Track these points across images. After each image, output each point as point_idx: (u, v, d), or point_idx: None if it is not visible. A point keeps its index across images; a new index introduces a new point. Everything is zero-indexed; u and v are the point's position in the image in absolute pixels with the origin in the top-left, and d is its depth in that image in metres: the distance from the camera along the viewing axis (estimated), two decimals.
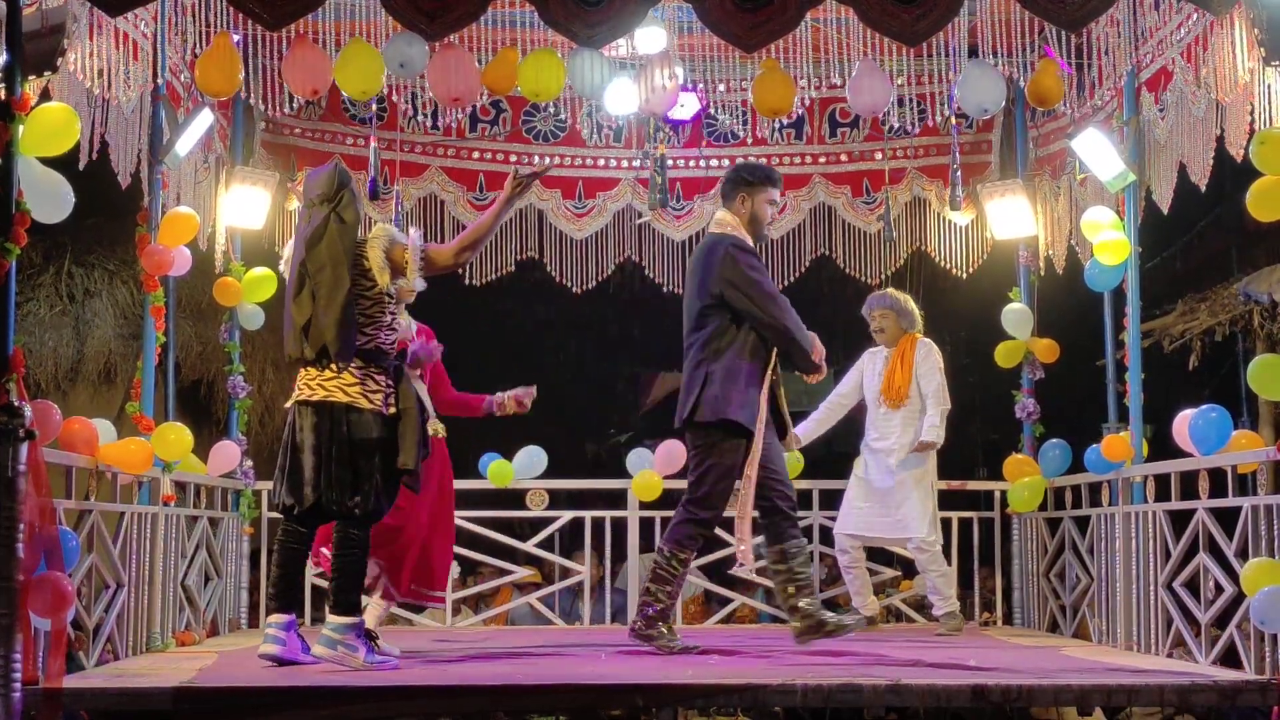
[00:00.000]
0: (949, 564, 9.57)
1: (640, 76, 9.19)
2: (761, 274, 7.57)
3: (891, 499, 9.20)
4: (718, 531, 10.23)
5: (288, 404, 6.91)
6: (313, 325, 6.68)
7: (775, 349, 7.54)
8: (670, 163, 10.48)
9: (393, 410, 6.77)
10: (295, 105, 9.50)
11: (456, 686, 6.27)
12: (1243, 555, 6.73)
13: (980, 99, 8.92)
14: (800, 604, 7.52)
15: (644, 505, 10.26)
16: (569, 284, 10.69)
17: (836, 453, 13.84)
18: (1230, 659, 7.04)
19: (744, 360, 7.46)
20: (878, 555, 10.26)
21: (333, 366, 6.68)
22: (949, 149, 10.02)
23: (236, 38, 8.76)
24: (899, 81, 9.59)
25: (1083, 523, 8.96)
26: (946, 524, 9.90)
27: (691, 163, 10.67)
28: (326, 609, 6.83)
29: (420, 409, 6.90)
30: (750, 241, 7.65)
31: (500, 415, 8.48)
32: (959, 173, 9.82)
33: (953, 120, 9.55)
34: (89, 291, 13.73)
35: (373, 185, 9.50)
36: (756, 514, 7.59)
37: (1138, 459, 8.32)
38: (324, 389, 6.72)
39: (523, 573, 10.65)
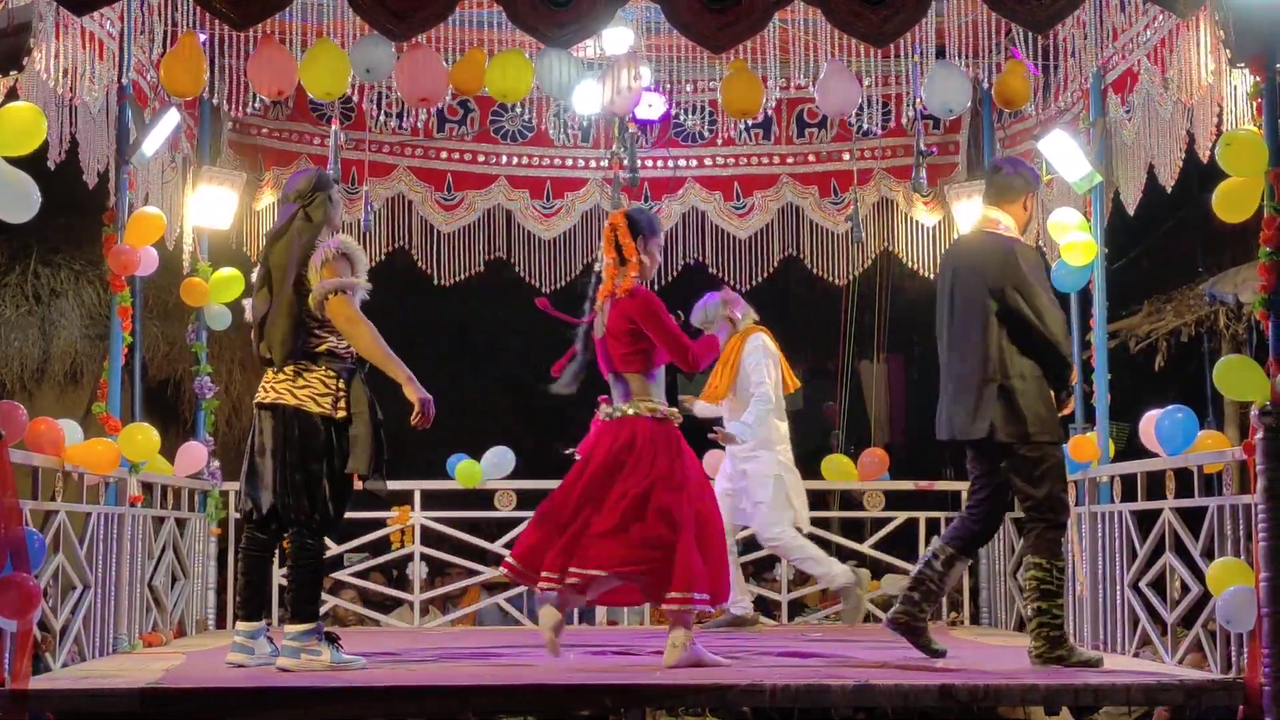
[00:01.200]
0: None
1: (607, 77, 9.18)
2: (1044, 284, 6.86)
3: (744, 491, 9.25)
4: None
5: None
6: (268, 322, 6.65)
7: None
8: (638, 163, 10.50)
9: (342, 414, 6.67)
10: (261, 105, 9.47)
11: (425, 687, 6.26)
12: (1208, 555, 6.76)
13: (945, 99, 8.95)
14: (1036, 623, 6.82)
15: None
16: (537, 284, 10.66)
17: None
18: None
19: (1030, 370, 6.74)
20: (848, 557, 10.26)
21: (285, 368, 6.64)
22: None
23: (203, 37, 8.73)
24: (866, 82, 9.59)
25: None
26: (913, 524, 9.92)
27: (659, 163, 10.66)
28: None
29: (373, 414, 6.75)
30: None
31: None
32: (927, 152, 9.70)
33: (918, 103, 9.47)
34: (55, 292, 13.68)
35: (330, 171, 9.20)
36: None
37: (1104, 459, 8.36)
38: (275, 391, 6.65)
39: (491, 573, 10.63)
